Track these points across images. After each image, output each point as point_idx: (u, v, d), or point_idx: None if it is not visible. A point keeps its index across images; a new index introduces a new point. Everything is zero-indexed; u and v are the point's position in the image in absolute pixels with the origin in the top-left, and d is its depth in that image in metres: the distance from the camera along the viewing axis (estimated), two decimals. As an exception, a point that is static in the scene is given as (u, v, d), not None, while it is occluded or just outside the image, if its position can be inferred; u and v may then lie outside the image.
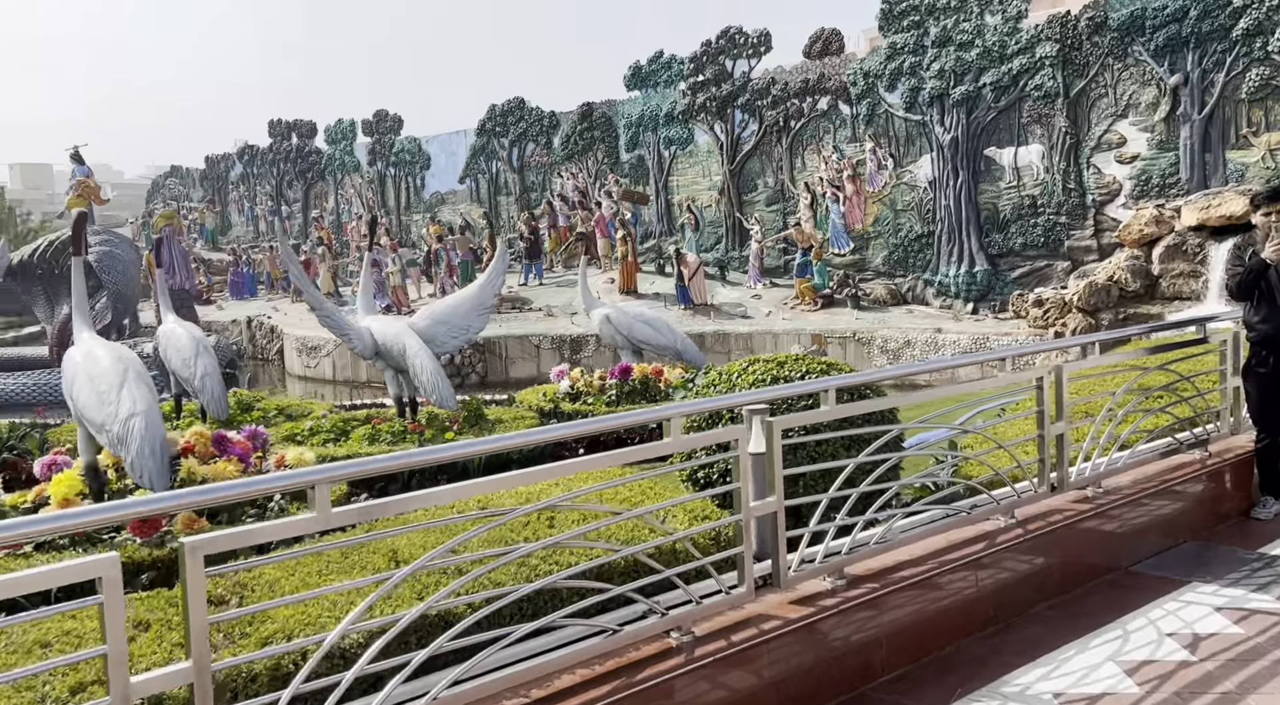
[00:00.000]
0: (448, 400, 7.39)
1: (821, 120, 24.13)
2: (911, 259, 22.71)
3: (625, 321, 10.20)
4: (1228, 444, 6.55)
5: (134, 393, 4.52)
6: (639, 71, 27.81)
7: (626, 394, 8.87)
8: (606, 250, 26.95)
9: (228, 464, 4.67)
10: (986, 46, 20.84)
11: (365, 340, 7.90)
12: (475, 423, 7.44)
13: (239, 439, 5.09)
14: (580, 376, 9.32)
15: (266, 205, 41.61)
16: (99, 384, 4.53)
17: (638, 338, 10.12)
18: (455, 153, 33.63)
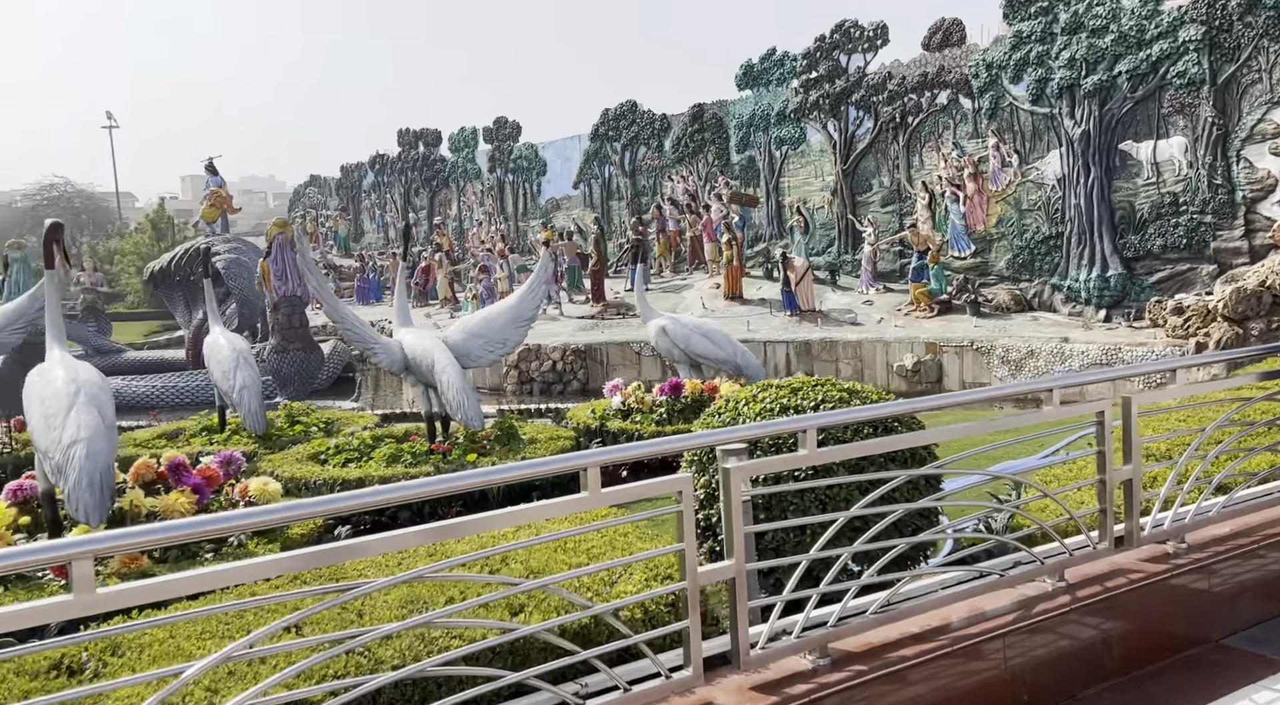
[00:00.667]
0: (473, 419, 7.07)
1: (941, 116, 22.85)
2: (1038, 262, 21.18)
3: (682, 333, 9.69)
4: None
5: (80, 418, 4.34)
6: (750, 70, 27.11)
7: (678, 411, 8.35)
8: (714, 255, 26.38)
9: (180, 496, 4.45)
10: (1123, 31, 19.17)
11: (394, 354, 7.67)
12: (507, 442, 7.09)
13: (207, 466, 4.88)
14: (632, 392, 8.85)
15: (395, 212, 42.94)
16: (48, 406, 4.38)
17: (695, 351, 9.58)
18: (570, 158, 33.75)
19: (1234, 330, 16.37)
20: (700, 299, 25.22)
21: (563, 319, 25.39)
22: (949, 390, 20.40)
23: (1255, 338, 16.10)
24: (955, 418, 8.89)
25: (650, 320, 10.14)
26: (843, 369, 21.70)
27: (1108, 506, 4.42)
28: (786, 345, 22.17)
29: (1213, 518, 4.87)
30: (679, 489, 3.09)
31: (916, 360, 20.65)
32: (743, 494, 3.27)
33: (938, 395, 4.65)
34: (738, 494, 3.22)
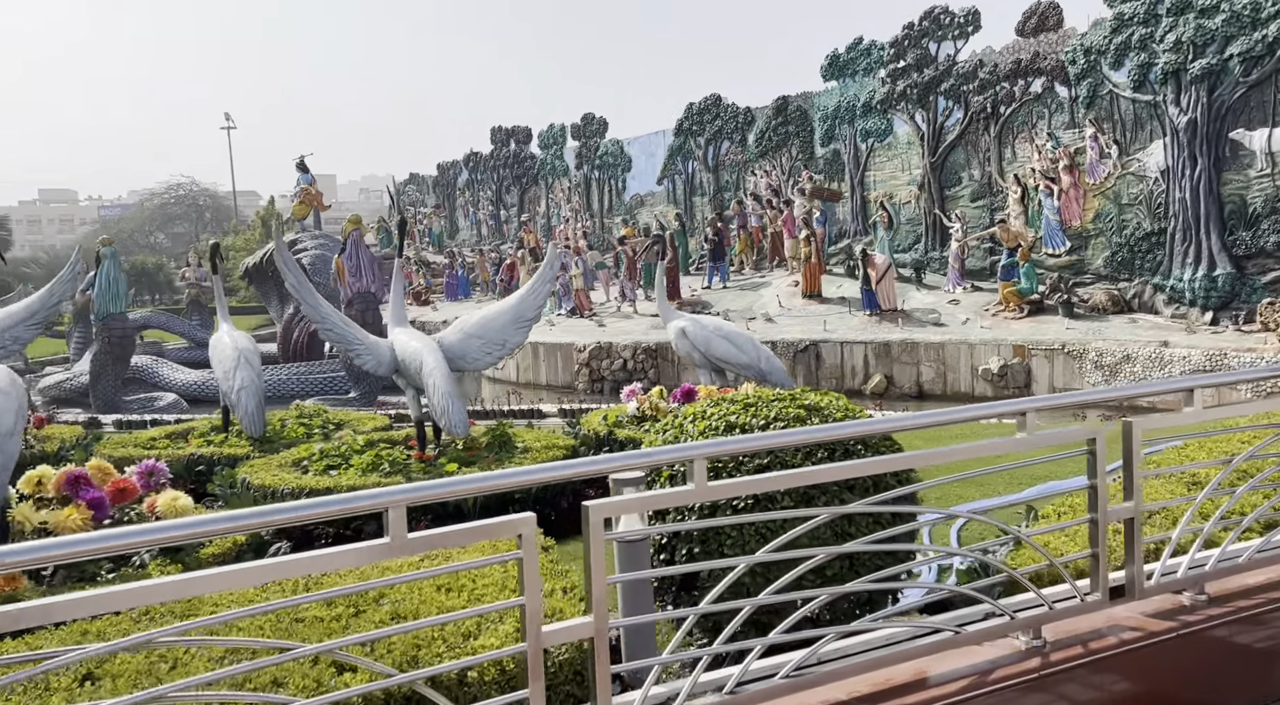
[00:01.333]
0: (458, 425, 6.78)
1: (1035, 105, 21.56)
2: (1138, 260, 19.75)
3: (703, 336, 9.20)
4: None
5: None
6: (836, 60, 26.22)
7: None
8: (793, 252, 25.63)
9: (74, 511, 4.29)
10: (1235, 11, 17.64)
11: (382, 355, 7.42)
12: (499, 451, 6.79)
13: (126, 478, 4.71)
14: (647, 398, 8.44)
15: (488, 210, 43.47)
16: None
17: (716, 354, 9.09)
18: (654, 154, 33.42)
19: (1356, 336, 14.86)
20: (777, 297, 24.54)
21: (636, 317, 25.09)
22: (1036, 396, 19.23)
23: (1381, 345, 14.56)
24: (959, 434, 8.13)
25: (670, 322, 9.69)
26: (924, 372, 20.75)
27: (1100, 550, 3.81)
28: (865, 346, 21.34)
29: (1243, 564, 4.18)
30: (519, 532, 2.69)
31: (1003, 363, 19.56)
32: (610, 535, 2.86)
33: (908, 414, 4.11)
34: (597, 537, 2.80)
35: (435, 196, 47.81)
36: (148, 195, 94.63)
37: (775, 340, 22.20)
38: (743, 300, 25.39)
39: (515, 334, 7.83)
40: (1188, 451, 4.90)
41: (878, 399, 19.62)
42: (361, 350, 7.37)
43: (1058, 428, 3.77)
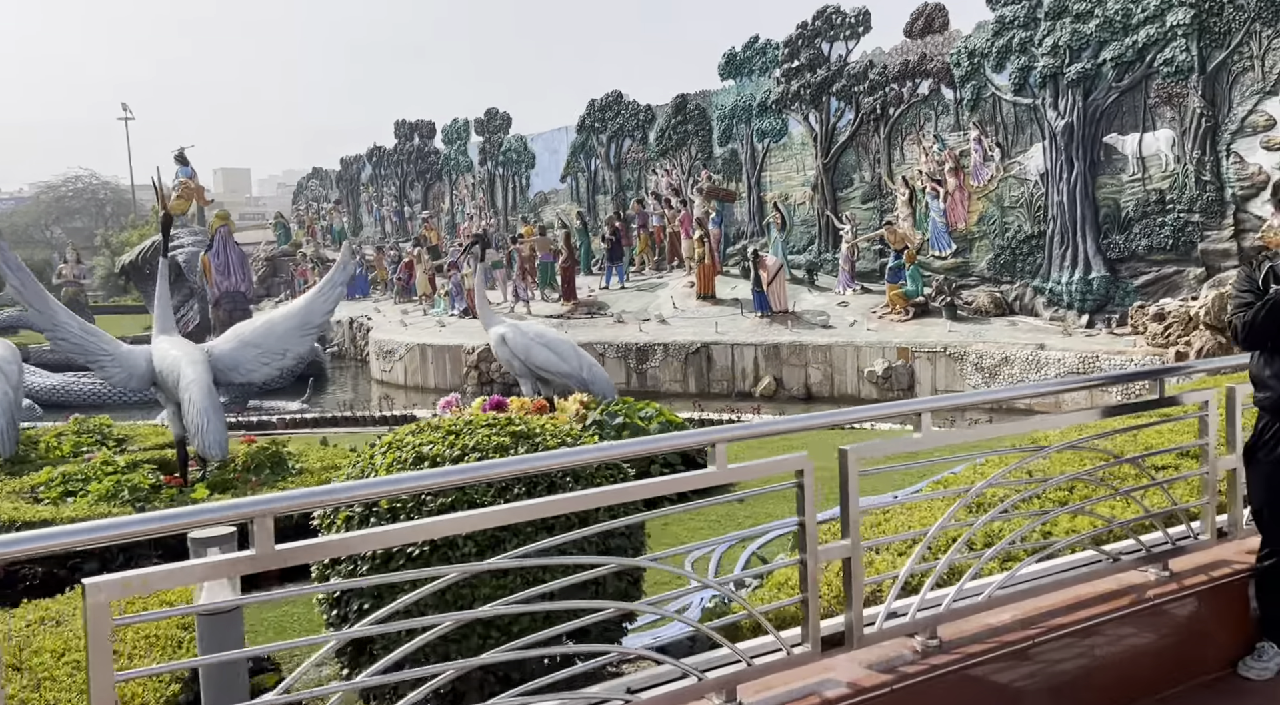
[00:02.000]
0: (213, 445, 6.18)
1: (922, 107, 21.61)
2: (1019, 263, 19.91)
3: (522, 343, 8.73)
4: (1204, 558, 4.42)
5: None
6: (733, 59, 26.01)
7: (505, 436, 7.37)
8: (690, 252, 25.34)
9: None
10: (1108, 16, 17.84)
11: (134, 366, 6.73)
12: (269, 473, 6.20)
13: None
14: (461, 410, 7.91)
15: (392, 206, 42.37)
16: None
17: (536, 363, 8.63)
18: (558, 150, 32.86)
19: (1217, 338, 15.09)
20: (672, 298, 24.23)
21: (529, 318, 24.49)
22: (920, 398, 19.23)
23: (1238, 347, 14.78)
24: None
25: (490, 327, 9.18)
26: (812, 374, 20.63)
27: (810, 595, 3.42)
28: (755, 348, 21.13)
29: (981, 603, 3.84)
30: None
31: (888, 366, 19.53)
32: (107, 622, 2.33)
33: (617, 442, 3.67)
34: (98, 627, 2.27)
35: (338, 191, 46.47)
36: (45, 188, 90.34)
37: (668, 342, 21.88)
38: (639, 301, 25.02)
39: (299, 342, 7.20)
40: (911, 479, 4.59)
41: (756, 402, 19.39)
42: (107, 362, 6.67)
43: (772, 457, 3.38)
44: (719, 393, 21.19)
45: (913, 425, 3.68)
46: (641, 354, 21.88)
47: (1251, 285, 4.25)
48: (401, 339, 24.85)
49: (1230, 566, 4.35)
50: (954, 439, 3.77)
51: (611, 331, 22.85)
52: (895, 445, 3.64)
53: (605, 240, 26.31)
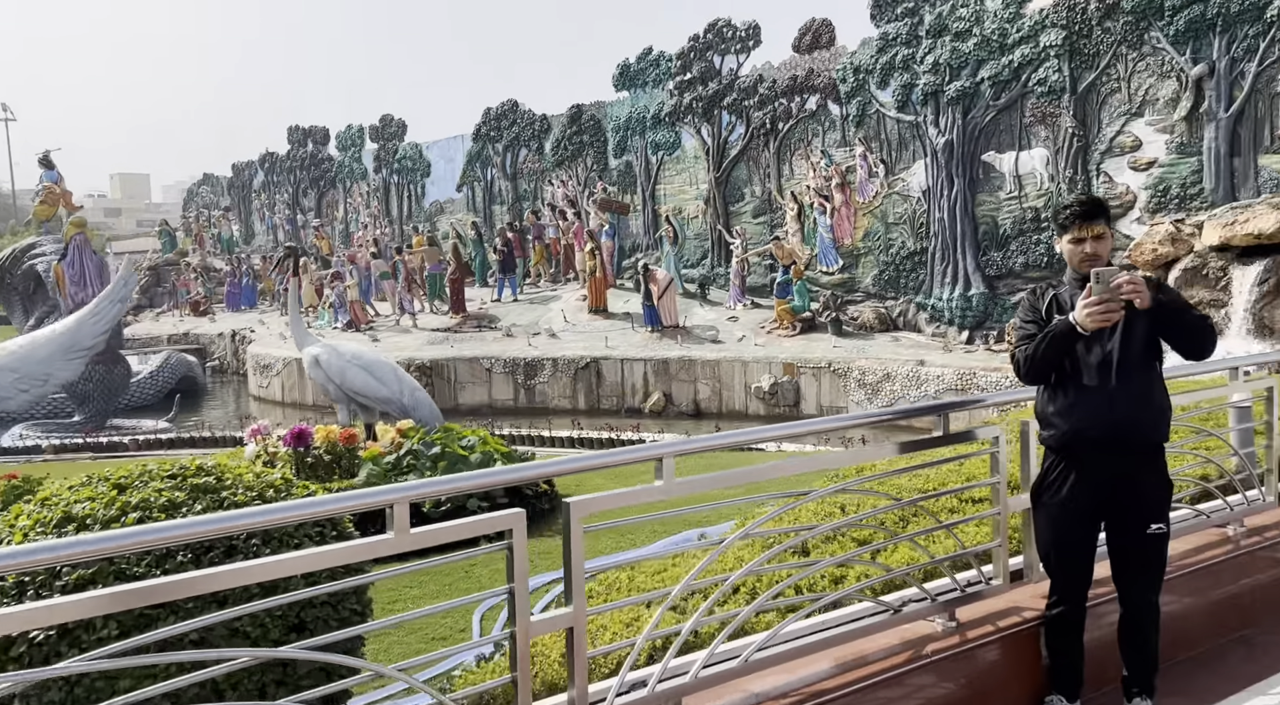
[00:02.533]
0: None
1: (810, 122, 21.60)
2: (903, 279, 19.98)
3: (337, 365, 8.10)
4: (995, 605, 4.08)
5: None
6: (627, 70, 25.70)
7: (310, 467, 6.74)
8: (583, 265, 24.88)
9: None
10: (985, 35, 18.06)
11: None
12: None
13: None
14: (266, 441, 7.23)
15: (284, 214, 40.89)
16: None
17: (353, 387, 8.02)
18: (454, 159, 32.10)
19: (1086, 356, 15.22)
20: (563, 312, 23.70)
21: (415, 331, 23.70)
22: (807, 415, 19.10)
23: (1106, 365, 14.95)
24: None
25: (303, 347, 8.49)
26: (701, 390, 20.35)
27: (520, 676, 2.93)
28: (644, 364, 20.76)
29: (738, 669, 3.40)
30: None
31: (774, 381, 19.36)
32: None
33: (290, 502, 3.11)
34: None
35: (230, 198, 44.71)
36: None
37: (557, 357, 21.35)
38: (531, 314, 24.43)
39: (64, 367, 6.55)
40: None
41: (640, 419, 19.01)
42: None
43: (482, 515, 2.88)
44: (608, 409, 20.75)
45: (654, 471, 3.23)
46: (530, 369, 21.30)
47: (1035, 315, 3.93)
48: (279, 354, 23.74)
49: (1021, 614, 4.03)
50: (705, 485, 3.34)
51: (499, 346, 22.20)
52: (633, 496, 3.18)
53: (497, 252, 25.66)
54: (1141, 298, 3.60)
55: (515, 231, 26.91)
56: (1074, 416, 3.79)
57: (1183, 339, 3.69)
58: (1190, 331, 3.66)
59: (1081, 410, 3.77)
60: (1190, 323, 3.65)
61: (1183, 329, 3.65)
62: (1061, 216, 3.93)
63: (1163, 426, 3.78)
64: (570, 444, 15.27)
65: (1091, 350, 3.80)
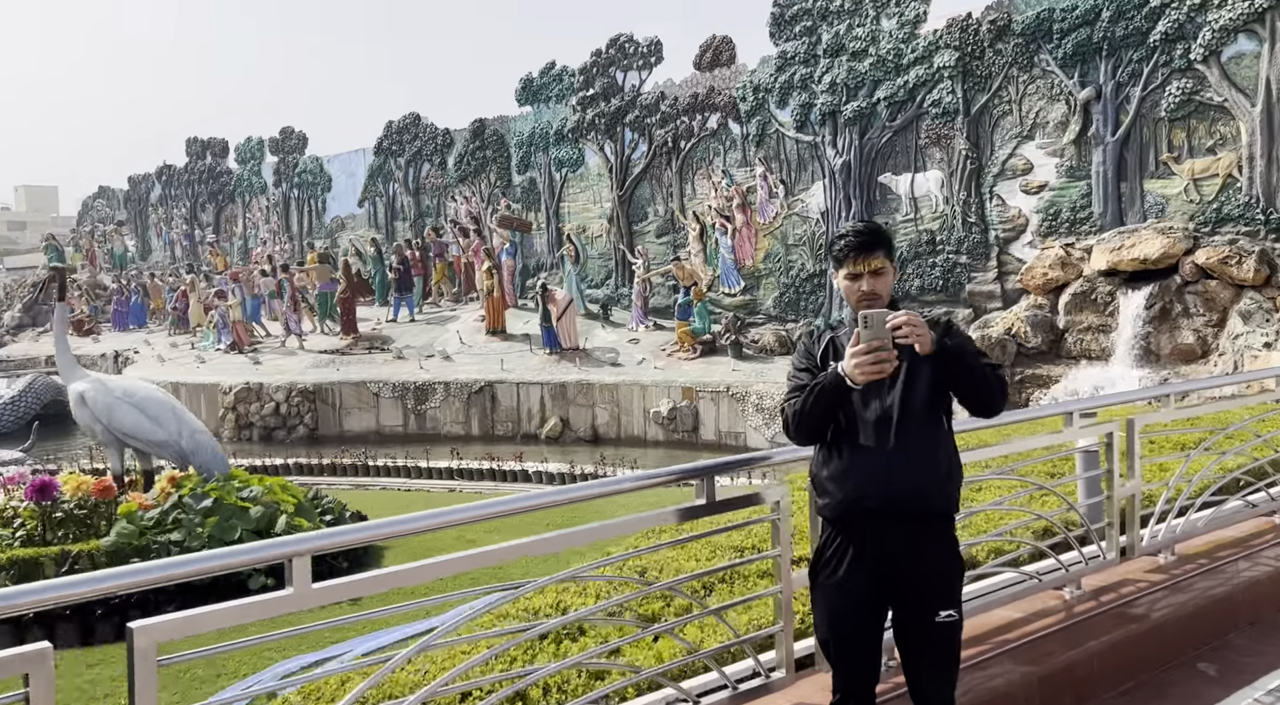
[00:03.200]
0: None
1: (711, 141, 21.17)
2: (803, 301, 19.60)
3: (104, 402, 7.12)
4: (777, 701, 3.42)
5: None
6: (530, 84, 25.02)
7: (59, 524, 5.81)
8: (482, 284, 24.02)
9: None
10: (881, 55, 17.83)
11: None
12: None
13: None
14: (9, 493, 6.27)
15: (182, 229, 39.16)
16: None
17: (123, 428, 7.05)
18: (355, 173, 30.98)
19: (978, 382, 14.93)
20: (459, 334, 22.79)
21: (301, 353, 22.53)
22: (705, 441, 18.55)
23: (998, 391, 14.67)
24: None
25: (70, 382, 7.48)
26: (599, 414, 19.65)
27: None
28: (541, 387, 19.98)
29: None
30: None
31: (672, 406, 18.76)
32: None
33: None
34: None
35: (126, 212, 42.70)
36: None
37: (449, 380, 20.43)
38: (427, 335, 23.46)
39: None
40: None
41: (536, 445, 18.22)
42: None
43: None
44: (503, 435, 19.94)
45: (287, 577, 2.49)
46: (420, 393, 20.34)
47: (809, 362, 3.31)
48: (155, 377, 22.33)
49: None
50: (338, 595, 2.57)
51: (389, 368, 21.19)
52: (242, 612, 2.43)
53: (393, 270, 24.65)
54: (921, 341, 3.00)
55: (415, 249, 25.94)
56: (848, 483, 3.17)
57: (967, 390, 3.11)
58: (974, 381, 3.07)
59: (857, 475, 3.15)
60: (974, 371, 3.06)
61: (966, 378, 3.06)
62: (836, 248, 3.33)
63: (950, 493, 3.18)
64: (448, 475, 14.45)
65: (869, 404, 3.19)
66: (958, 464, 3.24)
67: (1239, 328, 13.15)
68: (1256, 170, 13.60)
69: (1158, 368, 13.80)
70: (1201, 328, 13.56)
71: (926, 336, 2.97)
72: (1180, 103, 14.26)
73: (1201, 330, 13.55)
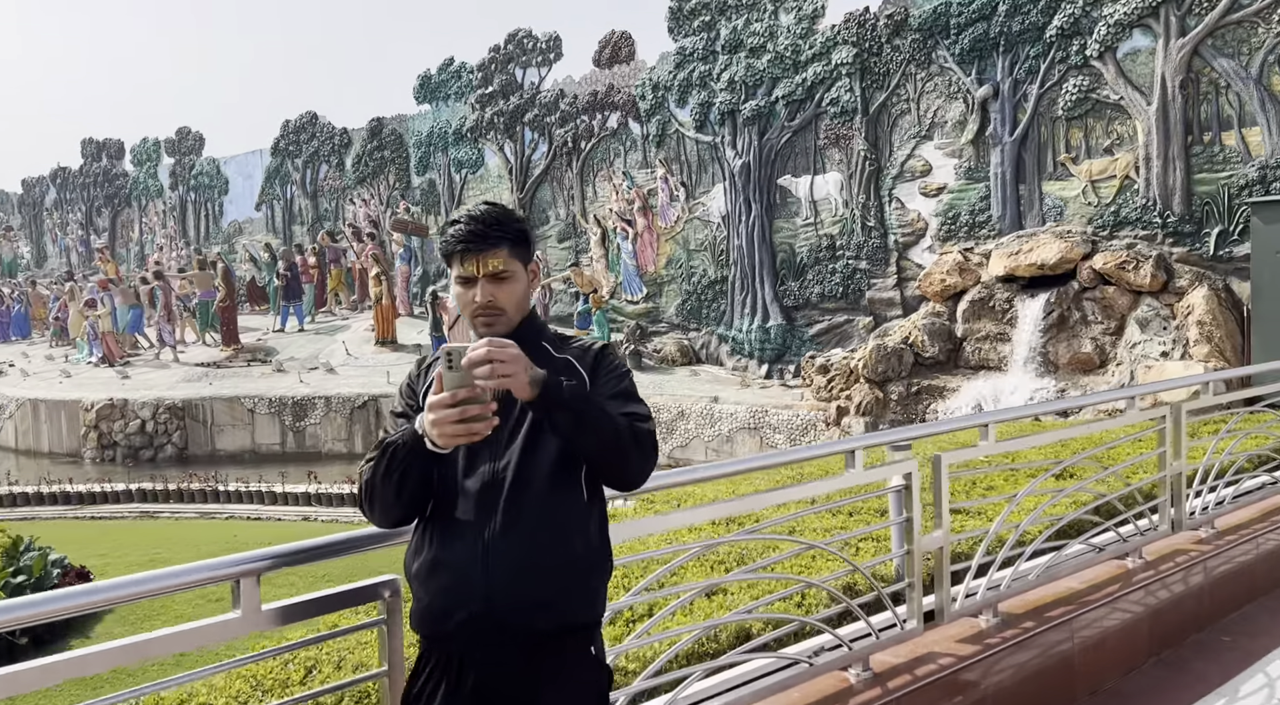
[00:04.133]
0: None
1: (612, 141, 20.21)
2: (705, 309, 18.71)
3: None
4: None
5: None
6: (428, 82, 23.85)
7: None
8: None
9: None
10: (779, 52, 17.04)
11: None
12: None
13: None
14: None
15: (78, 234, 37.12)
16: None
17: None
18: (252, 176, 29.47)
19: (875, 393, 14.17)
20: (345, 345, 21.49)
21: (174, 366, 21.01)
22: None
23: (894, 401, 13.93)
24: None
25: None
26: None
27: None
28: (430, 401, 18.77)
29: None
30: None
31: (567, 420, 17.69)
32: None
33: None
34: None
35: (21, 217, 40.44)
36: None
37: (330, 395, 19.11)
38: (313, 346, 22.10)
39: None
40: None
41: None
42: None
43: None
44: None
45: None
46: (299, 409, 19.00)
47: (409, 404, 2.33)
48: (12, 393, 20.68)
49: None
50: None
51: (267, 382, 19.81)
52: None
53: (280, 277, 23.25)
54: (512, 383, 2.03)
55: (309, 254, 24.56)
56: (435, 584, 2.18)
57: (586, 451, 2.14)
58: (593, 440, 2.10)
59: (447, 573, 2.17)
60: (592, 426, 2.08)
61: (581, 435, 2.09)
62: (441, 240, 2.35)
63: (591, 596, 2.20)
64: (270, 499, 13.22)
65: (476, 468, 2.21)
66: (605, 552, 2.27)
67: (1136, 336, 12.52)
68: (1153, 171, 13.01)
69: (1057, 378, 13.13)
70: (1100, 336, 12.92)
71: (521, 376, 1.98)
72: (1077, 101, 13.64)
73: (1100, 339, 12.91)
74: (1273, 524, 5.66)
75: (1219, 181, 12.67)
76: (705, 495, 5.08)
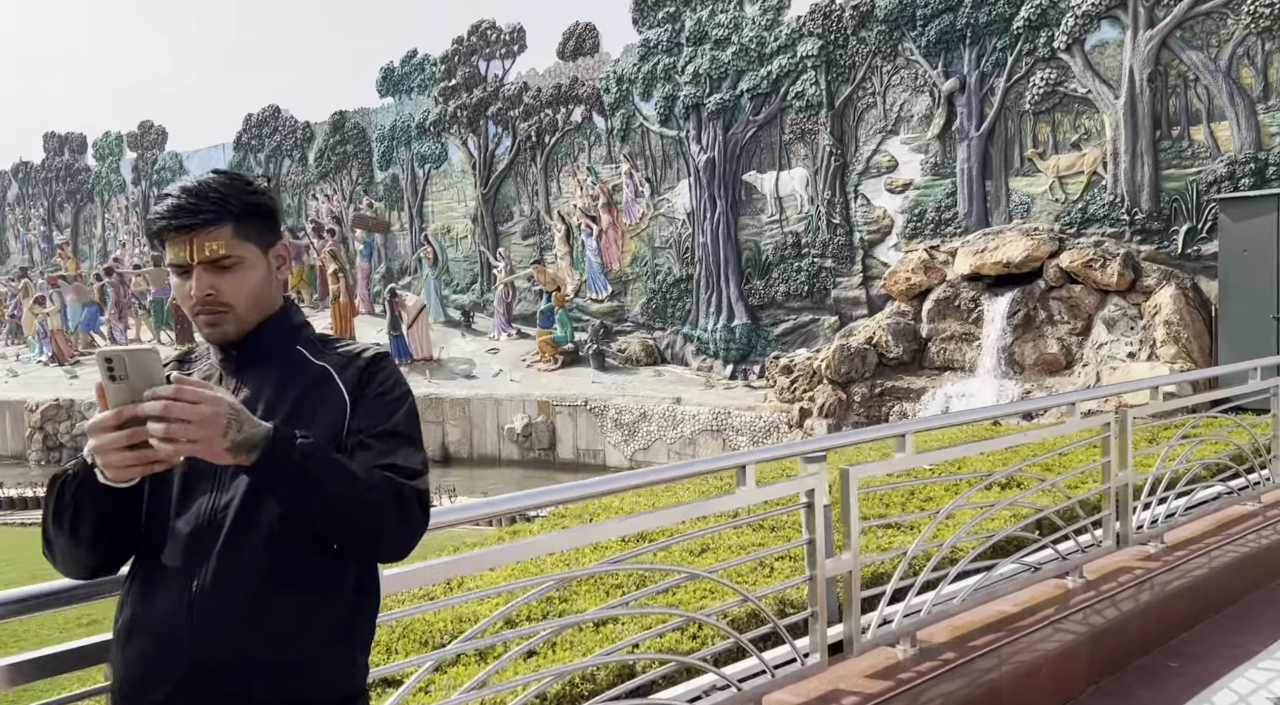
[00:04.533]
0: None
1: (576, 135, 19.75)
2: (670, 308, 18.29)
3: None
4: None
5: None
6: (391, 74, 23.31)
7: None
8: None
9: None
10: (744, 44, 16.63)
11: None
12: None
13: None
14: None
15: (40, 230, 36.32)
16: None
17: None
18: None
19: (838, 395, 13.78)
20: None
21: (126, 365, 20.38)
22: (563, 460, 17.10)
23: (858, 403, 13.55)
24: None
25: None
26: (450, 432, 18.07)
27: None
28: (388, 401, 18.26)
29: None
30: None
31: (528, 422, 17.28)
32: None
33: None
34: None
35: (-18, 212, 39.58)
36: None
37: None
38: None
39: None
40: None
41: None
42: None
43: None
44: None
45: None
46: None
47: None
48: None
49: None
50: None
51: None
52: None
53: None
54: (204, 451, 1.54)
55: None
56: (133, 649, 1.72)
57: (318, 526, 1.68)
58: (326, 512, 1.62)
59: (145, 637, 1.70)
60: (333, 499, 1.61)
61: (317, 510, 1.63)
62: (148, 219, 1.87)
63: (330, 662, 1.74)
64: None
65: (189, 504, 1.75)
66: (366, 607, 1.81)
67: (1103, 336, 12.18)
68: (1121, 167, 12.67)
69: (1022, 380, 12.78)
70: (1066, 336, 12.58)
71: (214, 442, 1.48)
72: (1045, 94, 13.29)
73: (1066, 339, 12.57)
74: (1228, 536, 5.29)
75: (1187, 177, 12.35)
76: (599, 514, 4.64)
